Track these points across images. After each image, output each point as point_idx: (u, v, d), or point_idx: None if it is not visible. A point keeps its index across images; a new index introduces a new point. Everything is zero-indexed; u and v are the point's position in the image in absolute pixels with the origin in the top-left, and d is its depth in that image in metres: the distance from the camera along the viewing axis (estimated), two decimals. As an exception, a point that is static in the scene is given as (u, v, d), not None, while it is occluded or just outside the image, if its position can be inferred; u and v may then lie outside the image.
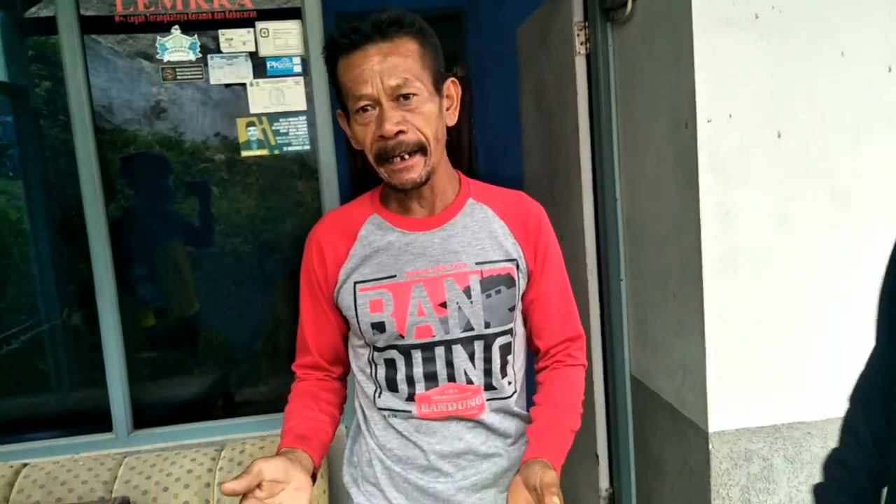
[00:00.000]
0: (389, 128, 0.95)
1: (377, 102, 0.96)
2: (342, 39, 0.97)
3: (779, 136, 1.42)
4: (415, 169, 0.98)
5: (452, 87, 1.06)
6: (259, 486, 0.86)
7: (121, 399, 1.90)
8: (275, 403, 2.01)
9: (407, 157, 0.97)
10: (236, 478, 0.84)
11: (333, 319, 1.11)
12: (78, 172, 1.89)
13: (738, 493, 1.47)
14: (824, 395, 1.47)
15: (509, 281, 1.06)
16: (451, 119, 1.06)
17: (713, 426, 1.44)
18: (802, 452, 1.48)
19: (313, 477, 0.97)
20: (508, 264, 1.06)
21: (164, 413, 2.06)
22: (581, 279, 2.02)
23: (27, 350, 2.20)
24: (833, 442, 1.47)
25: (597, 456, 2.03)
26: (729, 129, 1.40)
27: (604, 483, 2.04)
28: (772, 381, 1.46)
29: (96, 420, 1.93)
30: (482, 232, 1.07)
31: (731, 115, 1.39)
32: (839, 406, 1.47)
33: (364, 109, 0.97)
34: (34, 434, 1.94)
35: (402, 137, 0.96)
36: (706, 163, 1.39)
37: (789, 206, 1.43)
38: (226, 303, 2.37)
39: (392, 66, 0.94)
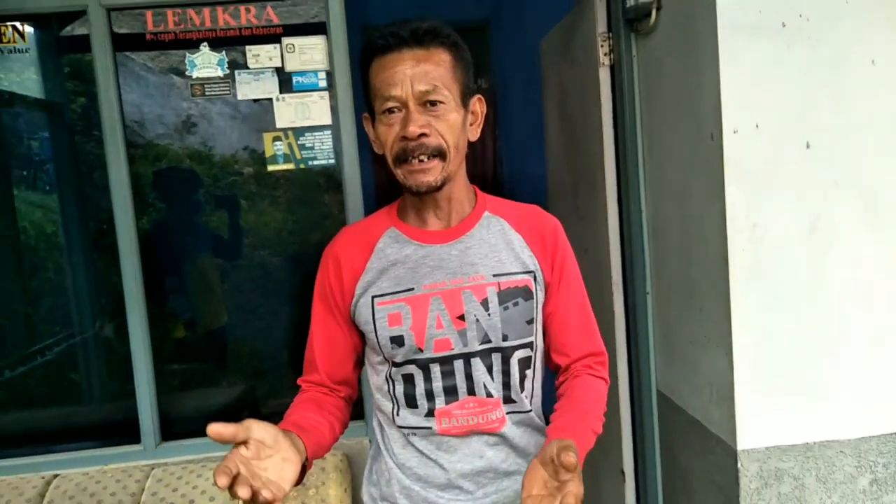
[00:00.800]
0: (413, 129, 0.96)
1: (404, 105, 0.97)
2: (379, 41, 0.99)
3: (807, 146, 1.39)
4: (431, 172, 0.99)
5: (478, 104, 1.07)
6: (245, 444, 0.82)
7: (149, 410, 1.93)
8: (299, 415, 2.02)
9: (426, 159, 0.98)
10: (225, 424, 0.81)
11: (348, 335, 1.10)
12: (109, 186, 1.93)
13: (770, 513, 1.43)
14: (858, 412, 1.43)
15: (527, 293, 1.05)
16: (474, 135, 1.06)
17: (742, 444, 1.41)
18: (835, 472, 1.43)
19: (304, 469, 0.91)
20: (526, 276, 1.06)
21: (192, 425, 2.08)
22: (606, 292, 2.00)
23: (61, 361, 2.25)
24: (867, 461, 1.43)
25: (623, 473, 2.00)
26: (756, 140, 1.37)
27: (630, 500, 2.00)
28: (802, 397, 1.42)
29: (125, 431, 1.96)
30: (499, 244, 1.07)
31: (757, 126, 1.37)
32: (873, 424, 1.44)
33: (391, 111, 0.98)
34: (65, 445, 1.98)
35: (423, 140, 0.97)
36: (733, 174, 1.37)
37: (819, 217, 1.40)
38: (254, 315, 2.39)
39: (424, 72, 0.96)
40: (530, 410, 1.09)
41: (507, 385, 1.05)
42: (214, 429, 0.79)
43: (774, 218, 1.39)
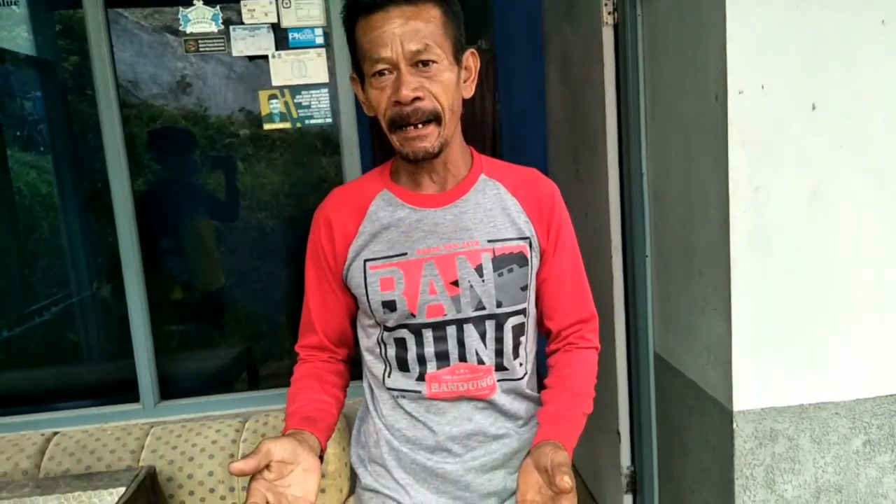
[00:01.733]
0: (406, 93, 0.92)
1: (395, 67, 0.93)
2: None
3: (813, 108, 1.37)
4: (428, 138, 0.95)
5: (472, 59, 1.02)
6: (268, 466, 0.84)
7: (147, 370, 1.94)
8: (297, 376, 2.04)
9: (421, 125, 0.95)
10: (244, 457, 0.83)
11: (341, 298, 1.09)
12: (104, 147, 1.90)
13: (763, 473, 1.45)
14: (853, 375, 1.44)
15: (522, 259, 1.03)
16: (468, 91, 1.02)
17: (737, 405, 1.42)
18: (829, 433, 1.45)
19: (320, 458, 0.95)
20: (521, 242, 1.04)
21: (190, 385, 2.10)
22: (605, 256, 2.00)
23: (58, 322, 2.25)
24: (862, 422, 1.45)
25: (618, 433, 2.02)
26: (761, 101, 1.35)
27: (625, 461, 2.03)
28: (799, 359, 1.43)
29: (124, 390, 1.98)
30: (495, 209, 1.04)
31: (763, 87, 1.34)
32: (868, 386, 1.45)
33: (381, 73, 0.94)
34: (64, 403, 1.99)
35: (418, 104, 0.93)
36: (736, 136, 1.35)
37: (822, 182, 1.39)
38: (251, 277, 2.39)
39: (414, 30, 0.92)
40: (521, 378, 1.08)
41: (500, 352, 1.04)
42: (237, 467, 0.81)
43: (777, 181, 1.37)
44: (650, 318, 1.83)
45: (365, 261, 1.03)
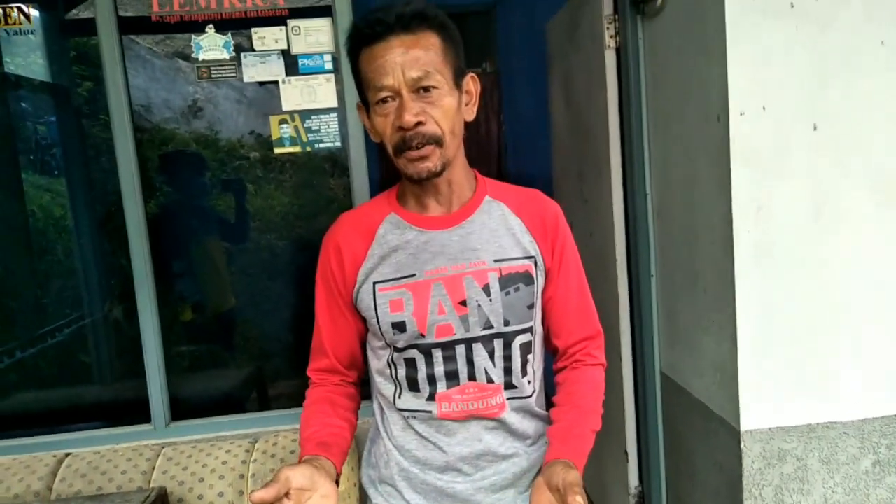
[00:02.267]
0: (409, 118, 0.95)
1: (397, 94, 0.96)
2: (365, 30, 0.97)
3: (815, 128, 1.38)
4: (430, 158, 0.98)
5: (472, 83, 1.05)
6: (287, 494, 0.86)
7: (159, 391, 1.96)
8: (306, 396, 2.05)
9: (422, 146, 0.97)
10: (265, 486, 0.84)
11: (351, 321, 1.11)
12: (117, 170, 1.94)
13: (772, 494, 1.44)
14: (861, 395, 1.44)
15: (528, 278, 1.05)
16: (470, 114, 1.05)
17: (745, 425, 1.42)
18: (838, 453, 1.44)
19: (336, 482, 0.97)
20: (527, 261, 1.06)
21: (201, 405, 2.11)
22: (611, 275, 2.01)
23: (71, 343, 2.27)
24: (871, 442, 1.44)
25: (626, 453, 2.02)
26: (763, 122, 1.37)
27: (633, 481, 2.02)
28: (806, 378, 1.43)
29: (136, 411, 1.99)
30: (500, 229, 1.06)
31: (764, 108, 1.37)
32: (877, 406, 1.44)
33: (384, 101, 0.97)
34: (76, 424, 2.01)
35: (420, 129, 0.96)
36: (739, 156, 1.37)
37: (826, 200, 1.40)
38: (261, 298, 2.41)
39: (414, 58, 0.95)
40: (530, 396, 1.09)
41: (508, 370, 1.06)
42: (259, 496, 0.83)
43: (780, 200, 1.39)
44: (656, 337, 1.83)
45: (374, 283, 1.05)
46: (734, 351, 1.41)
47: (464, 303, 1.03)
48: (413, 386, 1.07)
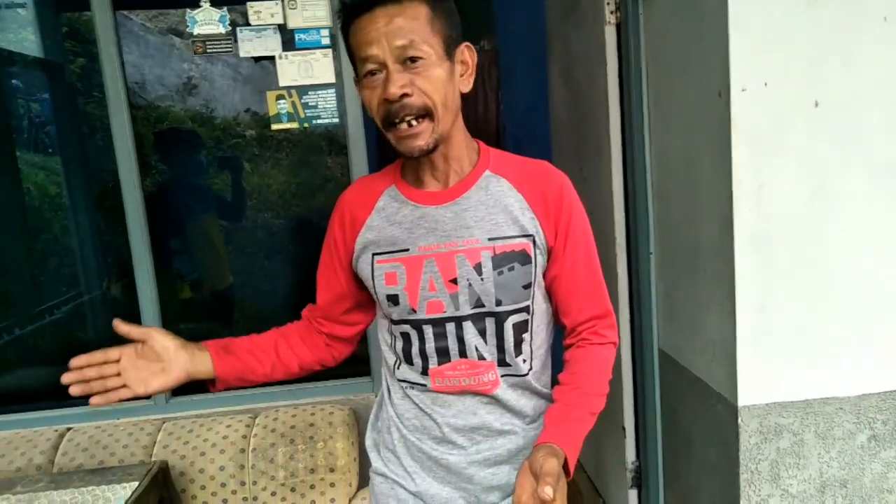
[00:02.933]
0: (394, 90, 0.93)
1: (383, 65, 0.95)
2: (352, 3, 0.96)
3: (816, 105, 1.38)
4: (421, 136, 0.97)
5: (467, 53, 1.03)
6: (141, 343, 1.02)
7: (158, 367, 1.96)
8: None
9: (414, 122, 0.96)
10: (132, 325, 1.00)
11: (342, 280, 1.13)
12: (114, 148, 1.93)
13: (768, 468, 1.46)
14: (858, 371, 1.45)
15: (524, 257, 1.03)
16: (466, 86, 1.03)
17: (742, 400, 1.43)
18: (834, 428, 1.46)
19: (211, 384, 1.10)
20: (524, 240, 1.03)
21: (201, 381, 2.12)
22: (609, 254, 2.01)
23: (70, 320, 2.28)
24: (867, 418, 1.46)
25: (624, 429, 2.04)
26: (764, 99, 1.36)
27: (630, 456, 2.05)
28: (803, 355, 1.44)
29: (135, 387, 2.00)
30: (496, 206, 1.04)
31: (766, 84, 1.36)
32: (873, 382, 1.46)
33: (372, 73, 0.96)
34: (77, 399, 2.01)
35: (406, 101, 0.95)
36: (739, 134, 1.36)
37: (826, 179, 1.40)
38: (258, 276, 2.42)
39: (398, 27, 0.93)
40: (526, 374, 1.08)
41: (501, 349, 1.05)
42: (123, 329, 1.01)
43: (780, 178, 1.39)
44: (655, 315, 1.84)
45: (373, 254, 1.06)
46: (733, 328, 1.42)
47: (455, 281, 1.02)
48: (408, 359, 1.08)
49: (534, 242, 1.04)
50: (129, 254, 1.97)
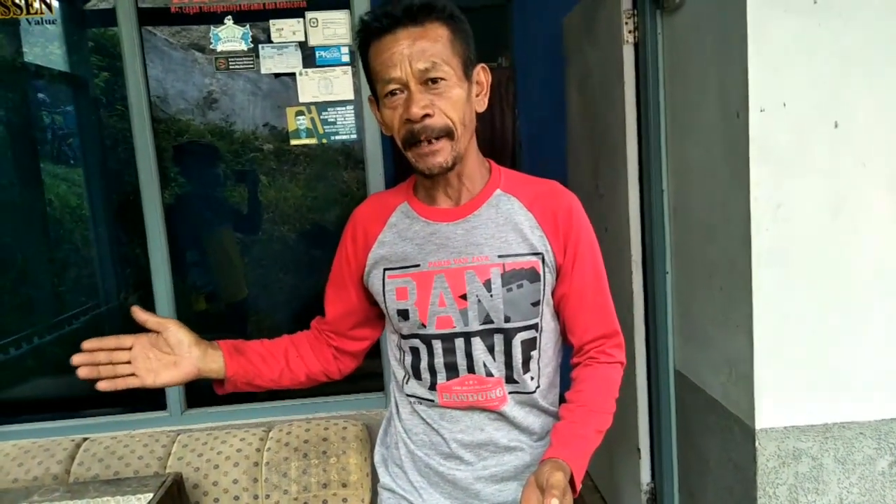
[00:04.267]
0: (416, 111, 0.95)
1: (405, 86, 0.96)
2: (374, 24, 0.97)
3: (836, 125, 1.37)
4: (441, 153, 0.98)
5: (483, 74, 1.04)
6: (156, 334, 1.02)
7: (174, 379, 1.98)
8: (320, 387, 2.06)
9: (434, 140, 0.97)
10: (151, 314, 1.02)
11: (352, 294, 1.14)
12: (135, 160, 1.96)
13: (786, 493, 1.44)
14: (879, 395, 1.43)
15: (533, 275, 1.04)
16: (481, 105, 1.05)
17: (760, 423, 1.41)
18: (854, 453, 1.44)
19: (219, 385, 1.09)
20: (533, 258, 1.04)
21: (216, 393, 2.13)
22: (625, 271, 2.00)
23: (88, 330, 2.30)
24: (888, 443, 1.43)
25: (639, 450, 2.02)
26: (783, 119, 1.36)
27: (645, 478, 2.02)
28: (822, 378, 1.42)
29: (152, 398, 2.02)
30: (506, 224, 1.05)
31: (784, 104, 1.36)
32: (894, 406, 1.43)
33: (393, 93, 0.97)
34: (94, 410, 2.04)
35: (428, 121, 0.96)
36: (758, 153, 1.36)
37: (845, 199, 1.39)
38: (274, 288, 2.43)
39: (421, 50, 0.95)
40: (534, 392, 1.08)
41: (509, 365, 1.06)
42: (142, 316, 1.02)
43: (799, 198, 1.38)
44: (670, 335, 1.83)
45: (384, 269, 1.07)
46: (750, 349, 1.40)
47: (464, 297, 1.03)
48: (417, 374, 1.09)
49: (543, 260, 1.05)
50: (146, 265, 1.99)
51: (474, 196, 1.07)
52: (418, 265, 1.05)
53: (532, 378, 1.08)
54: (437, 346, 1.05)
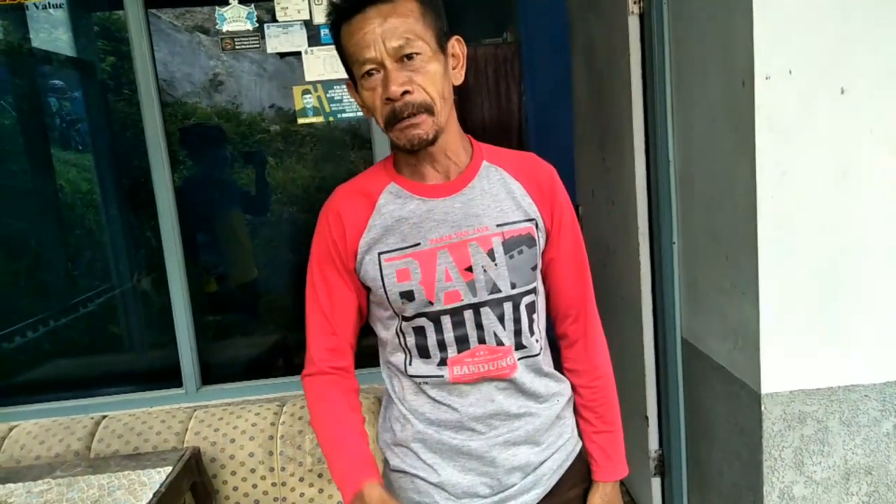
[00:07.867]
0: (395, 89, 0.95)
1: (381, 65, 0.96)
2: (343, 5, 0.97)
3: (842, 91, 1.37)
4: (422, 126, 0.98)
5: (458, 46, 1.04)
6: None
7: (190, 357, 2.02)
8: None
9: (414, 115, 0.97)
10: None
11: (353, 292, 1.11)
12: (145, 144, 1.97)
13: (791, 455, 1.46)
14: (883, 358, 1.44)
15: (530, 240, 1.07)
16: (458, 78, 1.05)
17: (766, 388, 1.43)
18: (859, 415, 1.46)
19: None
20: (528, 224, 1.07)
21: (230, 370, 2.17)
22: (632, 241, 2.01)
23: (102, 312, 2.34)
24: (892, 405, 1.45)
25: (646, 417, 2.04)
26: (788, 86, 1.36)
27: (653, 444, 2.05)
28: (828, 342, 1.44)
29: (168, 376, 2.06)
30: (501, 193, 1.07)
31: (790, 71, 1.35)
32: (899, 367, 1.45)
33: (370, 74, 0.97)
34: (112, 388, 2.08)
35: (407, 98, 0.96)
36: (763, 121, 1.36)
37: (850, 165, 1.39)
38: (283, 269, 2.46)
39: (393, 27, 0.95)
40: (538, 354, 1.11)
41: (518, 332, 1.08)
42: None
43: (804, 165, 1.38)
44: (677, 304, 1.84)
45: (379, 254, 1.05)
46: (756, 316, 1.42)
47: (470, 269, 1.04)
48: (423, 353, 1.08)
49: (536, 226, 1.08)
50: (158, 248, 2.02)
51: (463, 169, 1.07)
52: (418, 244, 1.04)
53: (537, 341, 1.11)
54: (446, 320, 1.05)
